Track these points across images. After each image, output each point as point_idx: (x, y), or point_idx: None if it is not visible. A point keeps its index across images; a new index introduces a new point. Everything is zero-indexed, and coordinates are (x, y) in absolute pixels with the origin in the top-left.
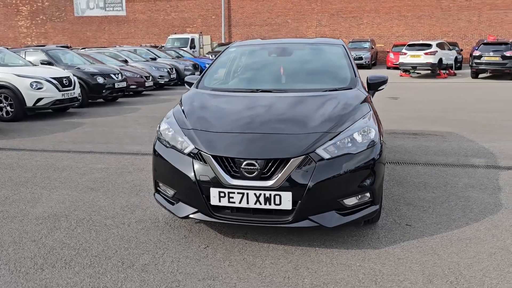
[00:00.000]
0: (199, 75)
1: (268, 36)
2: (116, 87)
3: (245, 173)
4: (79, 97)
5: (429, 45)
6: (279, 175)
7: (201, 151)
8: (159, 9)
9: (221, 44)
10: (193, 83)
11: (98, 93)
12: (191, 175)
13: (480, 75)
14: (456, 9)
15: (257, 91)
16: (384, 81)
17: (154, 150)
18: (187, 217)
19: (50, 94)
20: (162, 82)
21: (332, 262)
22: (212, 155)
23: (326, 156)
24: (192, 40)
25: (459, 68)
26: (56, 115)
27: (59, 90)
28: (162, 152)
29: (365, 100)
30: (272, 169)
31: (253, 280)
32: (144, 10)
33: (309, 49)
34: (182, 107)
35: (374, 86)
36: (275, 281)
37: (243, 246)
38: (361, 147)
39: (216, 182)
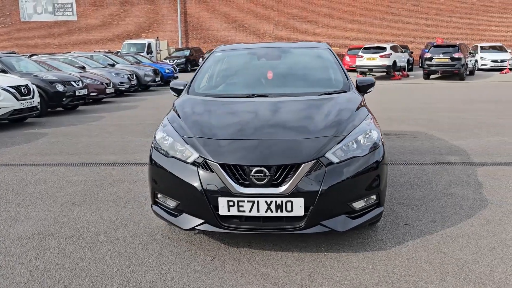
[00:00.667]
0: (160, 81)
1: (226, 41)
2: (77, 94)
3: (255, 181)
4: (38, 106)
5: (384, 48)
6: (290, 181)
7: (207, 159)
8: (112, 14)
9: (178, 49)
10: (179, 89)
11: (58, 102)
12: (197, 184)
13: (432, 76)
14: (405, 14)
15: (253, 96)
16: (372, 84)
17: (151, 160)
18: (192, 228)
19: (8, 103)
20: (123, 88)
21: (345, 267)
22: (219, 164)
23: (335, 160)
24: (149, 45)
25: (411, 69)
26: (14, 125)
27: (18, 99)
28: (161, 162)
29: (362, 103)
30: (283, 175)
31: None
32: (96, 15)
33: (297, 53)
34: (178, 114)
35: (363, 88)
36: None
37: (251, 256)
38: (366, 150)
39: (225, 191)
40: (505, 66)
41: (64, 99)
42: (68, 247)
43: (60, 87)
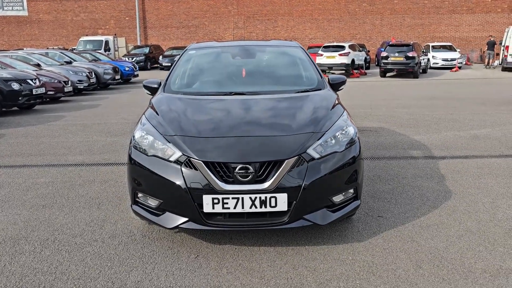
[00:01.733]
0: (119, 79)
1: (186, 39)
2: (34, 93)
3: (239, 178)
4: None
5: (343, 47)
6: (274, 177)
7: (191, 157)
8: (66, 9)
9: (137, 47)
10: (153, 87)
11: (13, 101)
12: (181, 183)
13: (388, 74)
14: (362, 13)
15: (230, 93)
16: (344, 82)
17: (131, 159)
18: (176, 227)
19: None
20: (81, 87)
21: (326, 259)
22: (203, 161)
23: (316, 156)
24: (107, 42)
25: (368, 68)
26: None
27: None
28: (142, 161)
29: (337, 100)
30: (267, 171)
31: (257, 285)
32: (49, 10)
33: (270, 51)
34: (157, 113)
35: (335, 86)
36: (279, 284)
37: (234, 252)
38: (344, 146)
39: (209, 189)
40: (455, 65)
41: (20, 98)
42: (44, 251)
43: (15, 86)
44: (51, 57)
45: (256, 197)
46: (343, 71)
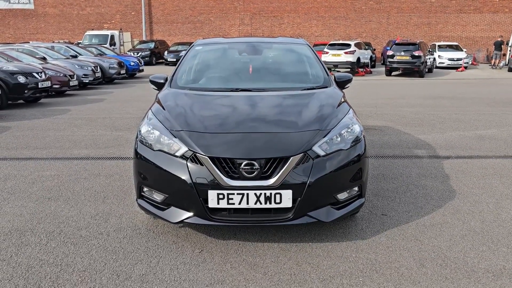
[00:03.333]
0: (124, 74)
1: (191, 34)
2: (39, 87)
3: (245, 174)
4: None
5: (348, 45)
6: (279, 173)
7: (197, 153)
8: (72, 3)
9: (142, 42)
10: (160, 83)
11: (19, 94)
12: (186, 178)
13: (393, 73)
14: (368, 11)
15: (237, 90)
16: (349, 80)
17: (137, 153)
18: (181, 222)
19: None
20: (87, 81)
21: (329, 256)
22: (209, 157)
23: (322, 153)
24: (112, 36)
25: (374, 66)
26: None
27: None
28: (148, 156)
29: (343, 98)
30: (272, 168)
31: (261, 280)
32: (55, 4)
33: (277, 49)
34: (163, 108)
35: (341, 84)
36: (283, 279)
37: (238, 247)
38: (349, 143)
39: (215, 184)
40: (461, 65)
41: (26, 91)
42: (49, 243)
43: (21, 79)
44: (57, 51)
45: (261, 193)
46: (349, 69)
